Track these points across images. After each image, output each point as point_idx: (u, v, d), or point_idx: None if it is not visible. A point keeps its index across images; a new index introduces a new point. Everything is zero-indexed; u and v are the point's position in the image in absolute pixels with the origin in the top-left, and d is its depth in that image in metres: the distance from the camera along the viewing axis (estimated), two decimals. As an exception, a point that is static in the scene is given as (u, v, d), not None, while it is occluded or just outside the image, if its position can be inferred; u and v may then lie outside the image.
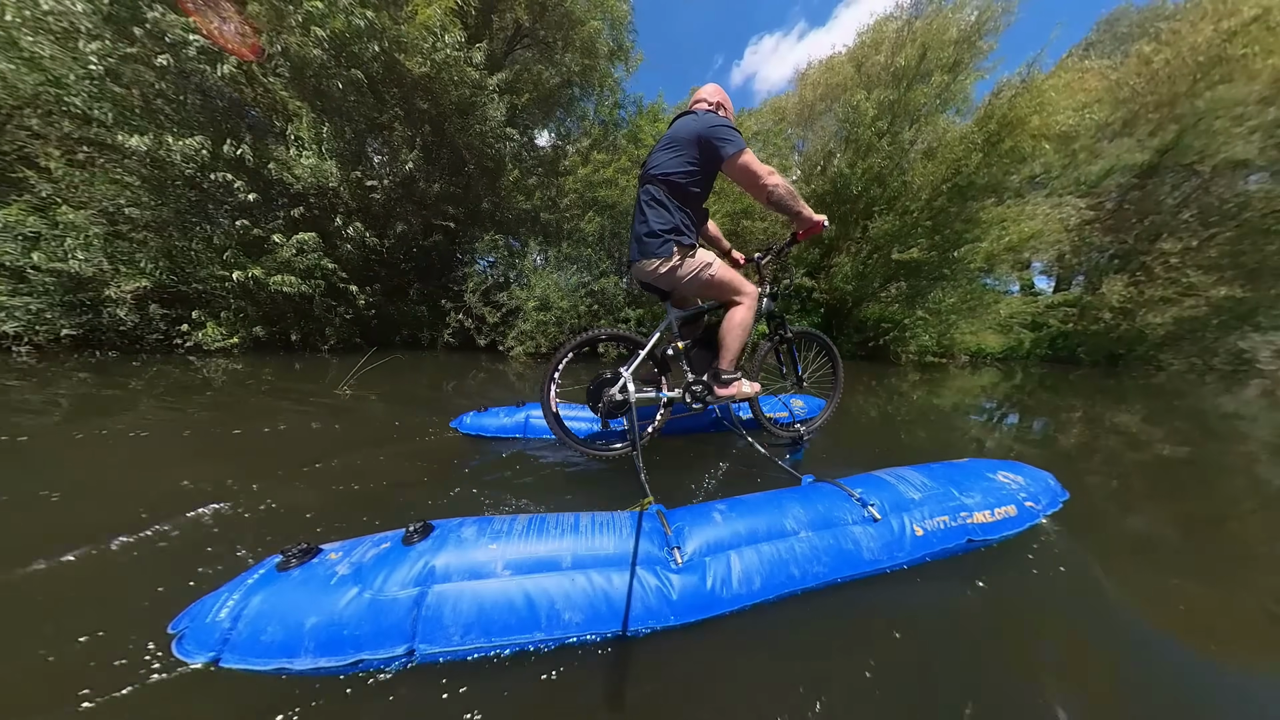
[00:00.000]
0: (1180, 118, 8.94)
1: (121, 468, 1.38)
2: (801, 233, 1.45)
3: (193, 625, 0.64)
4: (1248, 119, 8.27)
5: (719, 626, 0.79)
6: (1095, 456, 2.14)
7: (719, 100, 1.43)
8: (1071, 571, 1.02)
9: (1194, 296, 9.07)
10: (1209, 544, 1.27)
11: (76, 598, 0.78)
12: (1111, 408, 3.83)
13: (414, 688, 0.64)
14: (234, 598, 0.66)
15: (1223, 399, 4.94)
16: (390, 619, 0.66)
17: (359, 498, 1.25)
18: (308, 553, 0.74)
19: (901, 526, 0.98)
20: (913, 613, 0.86)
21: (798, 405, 2.19)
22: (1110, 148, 9.43)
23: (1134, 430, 2.85)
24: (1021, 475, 1.19)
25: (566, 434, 1.52)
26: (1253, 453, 2.44)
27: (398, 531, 0.80)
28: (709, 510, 0.96)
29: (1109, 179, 9.56)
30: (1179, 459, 2.18)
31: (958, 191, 6.70)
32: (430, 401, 2.65)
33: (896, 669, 0.73)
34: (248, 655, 0.61)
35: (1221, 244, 9.14)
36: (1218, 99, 8.30)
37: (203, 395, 2.41)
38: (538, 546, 0.79)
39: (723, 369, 1.45)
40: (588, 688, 0.66)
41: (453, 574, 0.72)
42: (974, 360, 9.81)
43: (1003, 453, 2.24)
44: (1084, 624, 0.88)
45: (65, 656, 0.66)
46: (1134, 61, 9.63)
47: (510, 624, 0.70)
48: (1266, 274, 8.75)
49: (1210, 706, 0.70)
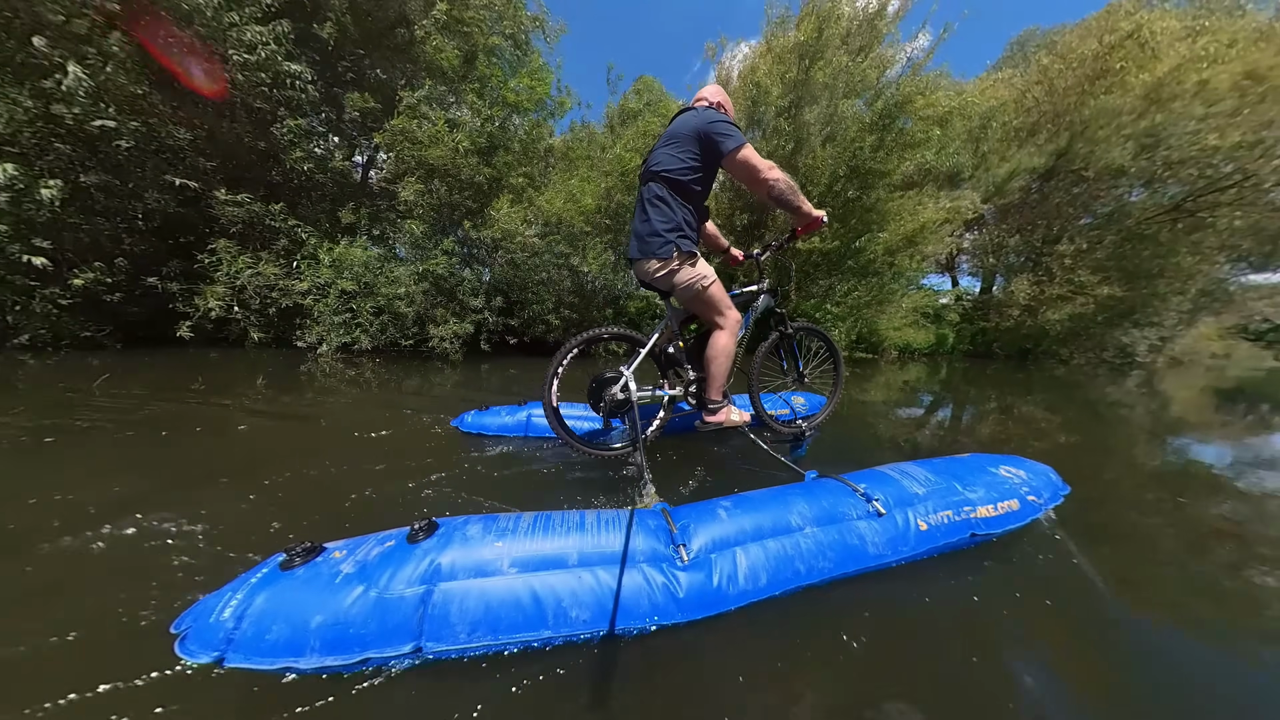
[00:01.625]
0: (1071, 125, 9.68)
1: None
2: (801, 228, 1.45)
3: (195, 625, 0.63)
4: (1123, 129, 8.97)
5: (726, 623, 0.79)
6: (1007, 446, 2.30)
7: (719, 99, 1.44)
8: (1067, 561, 1.03)
9: (1084, 295, 9.90)
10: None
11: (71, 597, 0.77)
12: (1020, 399, 4.15)
13: (421, 686, 0.64)
14: (238, 597, 0.65)
15: (1110, 389, 5.48)
16: (396, 617, 0.65)
17: (361, 497, 1.24)
18: (311, 551, 0.73)
19: (906, 521, 0.98)
20: (918, 606, 0.87)
21: (799, 402, 2.19)
22: (1015, 152, 10.21)
23: (1037, 419, 3.12)
24: (1023, 469, 1.20)
25: (568, 433, 1.51)
26: (1132, 435, 2.81)
27: (402, 530, 0.79)
28: (714, 507, 0.96)
29: (1013, 181, 10.11)
30: (1072, 444, 2.40)
31: (856, 176, 6.76)
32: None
33: (902, 664, 0.73)
34: (252, 654, 0.60)
35: (1106, 248, 10.07)
36: (1099, 108, 8.99)
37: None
38: (543, 544, 0.79)
39: (710, 397, 1.46)
40: (595, 685, 0.66)
41: (458, 572, 0.72)
42: (902, 356, 10.21)
43: (929, 443, 2.37)
44: (1081, 614, 0.88)
45: (64, 653, 0.65)
46: (1034, 71, 10.51)
47: (517, 621, 0.70)
48: (1141, 276, 9.74)
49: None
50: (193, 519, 1.05)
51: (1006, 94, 9.99)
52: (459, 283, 5.12)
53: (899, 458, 1.34)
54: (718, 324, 1.44)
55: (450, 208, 5.36)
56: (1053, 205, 10.65)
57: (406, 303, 4.70)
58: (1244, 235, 9.63)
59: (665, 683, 0.68)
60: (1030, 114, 10.27)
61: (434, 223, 5.27)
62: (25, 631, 0.70)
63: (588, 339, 1.47)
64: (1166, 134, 8.62)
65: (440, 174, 5.15)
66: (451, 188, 5.28)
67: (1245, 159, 8.59)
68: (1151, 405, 4.25)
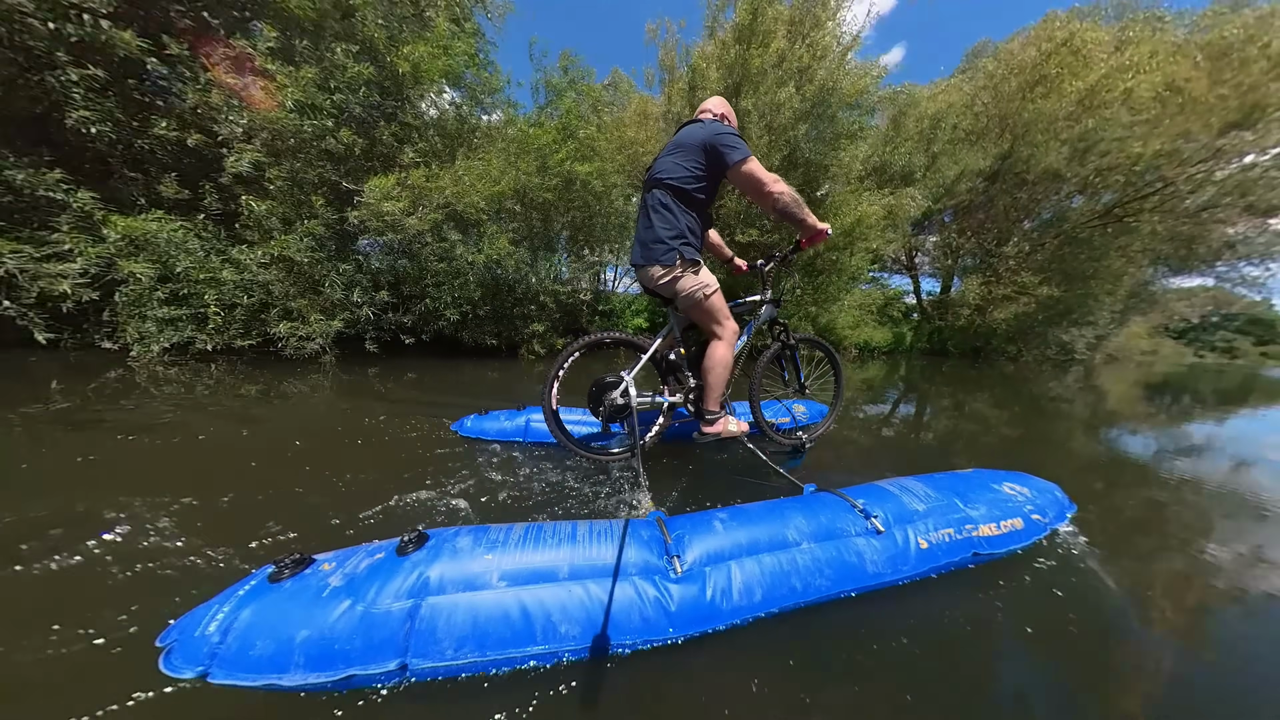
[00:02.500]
0: (1013, 129, 10.10)
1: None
2: (805, 240, 1.45)
3: (181, 639, 0.62)
4: (1059, 133, 9.41)
5: (719, 641, 0.78)
6: (958, 441, 2.49)
7: (723, 111, 1.45)
8: (1077, 584, 1.01)
9: (1026, 295, 10.47)
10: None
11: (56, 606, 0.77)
12: (970, 395, 4.42)
13: (405, 706, 0.62)
14: (224, 610, 0.64)
15: (1053, 384, 5.85)
16: (383, 633, 0.64)
17: (356, 500, 1.24)
18: (300, 563, 0.72)
19: (906, 539, 0.96)
20: (917, 629, 0.85)
21: (800, 411, 2.17)
22: (963, 155, 10.60)
23: (985, 414, 3.39)
24: (1027, 487, 1.17)
25: (567, 438, 1.51)
26: (1070, 428, 3.04)
27: (392, 541, 0.78)
28: (710, 519, 0.95)
29: (961, 183, 10.49)
30: (1015, 437, 2.63)
31: (795, 168, 6.68)
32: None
33: (900, 687, 0.71)
34: (236, 670, 0.60)
35: (1047, 251, 10.76)
36: (1036, 112, 9.41)
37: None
38: (534, 556, 0.78)
39: (708, 408, 1.45)
40: (583, 705, 0.64)
41: (447, 585, 0.71)
42: (862, 354, 10.41)
43: (894, 440, 2.45)
44: (1094, 637, 0.86)
45: (46, 668, 0.64)
46: (982, 77, 10.96)
47: (505, 637, 0.69)
48: (1077, 278, 10.33)
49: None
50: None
51: (958, 99, 10.55)
52: (327, 272, 4.26)
53: (859, 453, 1.33)
54: (715, 334, 1.44)
55: (311, 185, 4.38)
56: (999, 208, 11.19)
57: (243, 293, 3.89)
58: (1163, 240, 10.49)
59: (655, 702, 0.66)
60: (979, 119, 10.75)
61: (295, 201, 4.32)
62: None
63: (589, 343, 1.47)
64: (1097, 139, 9.10)
65: (287, 141, 4.19)
66: (308, 161, 4.30)
67: (1165, 167, 9.14)
68: (1090, 399, 4.66)
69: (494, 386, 3.55)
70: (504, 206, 5.72)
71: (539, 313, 5.92)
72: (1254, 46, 8.53)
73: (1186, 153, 9.05)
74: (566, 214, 6.45)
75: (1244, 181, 9.42)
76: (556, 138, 5.85)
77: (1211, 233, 10.62)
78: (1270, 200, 9.72)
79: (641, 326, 8.39)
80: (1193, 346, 22.15)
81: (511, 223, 5.95)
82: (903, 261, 14.23)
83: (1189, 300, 20.70)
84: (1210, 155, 9.06)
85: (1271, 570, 1.12)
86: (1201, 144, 8.92)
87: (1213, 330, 42.87)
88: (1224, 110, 8.59)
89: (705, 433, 1.46)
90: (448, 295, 5.00)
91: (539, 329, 5.80)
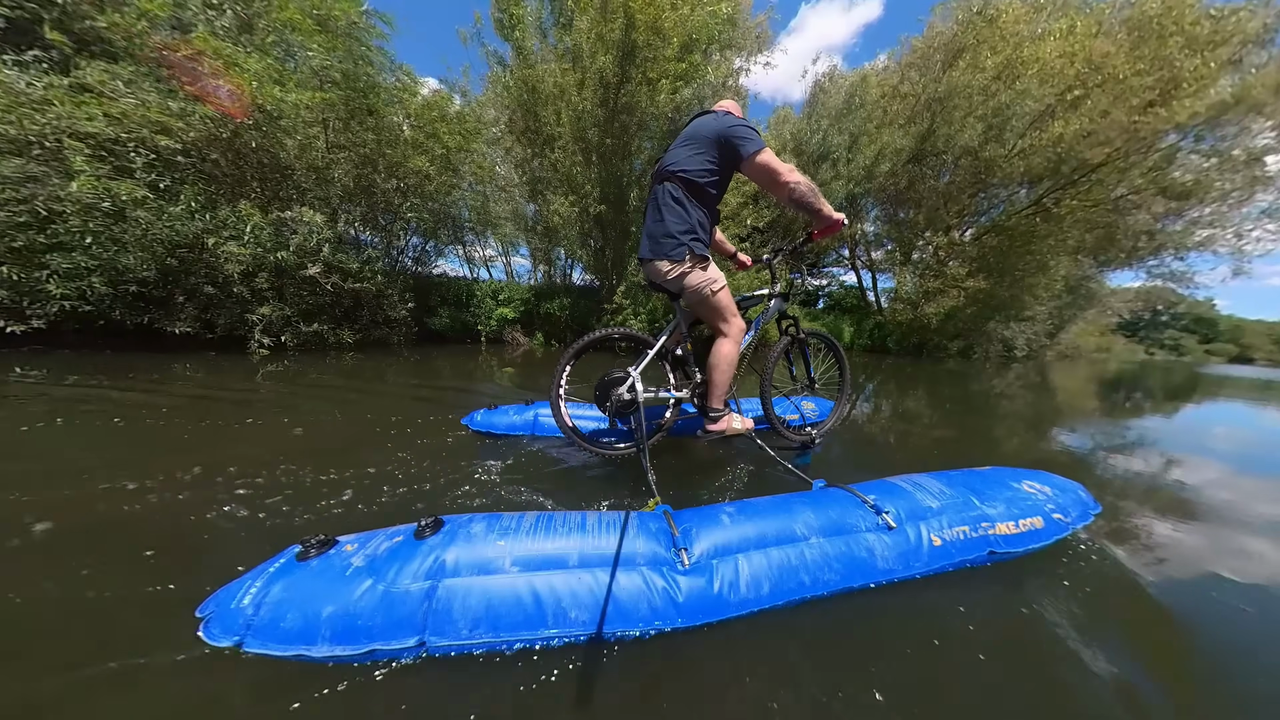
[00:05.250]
0: (932, 106, 9.55)
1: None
2: (818, 231, 1.42)
3: (218, 610, 0.67)
4: (975, 109, 8.89)
5: (726, 631, 0.78)
6: (892, 436, 2.48)
7: (732, 109, 1.43)
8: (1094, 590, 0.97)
9: (956, 288, 10.04)
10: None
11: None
12: (907, 392, 4.39)
13: (424, 679, 0.66)
14: (256, 585, 0.69)
15: (994, 381, 5.87)
16: (402, 611, 0.68)
17: (375, 490, 1.29)
18: (325, 544, 0.76)
19: (918, 536, 0.95)
20: (930, 626, 0.84)
21: (809, 407, 2.15)
22: (882, 134, 9.94)
23: (919, 412, 3.28)
24: (1049, 485, 1.13)
25: (574, 432, 1.53)
26: (1011, 426, 3.01)
27: (410, 525, 0.82)
28: (717, 512, 0.95)
29: (880, 164, 9.93)
30: (948, 438, 2.51)
31: (603, 106, 6.00)
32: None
33: (908, 686, 0.70)
34: (269, 641, 0.64)
35: (976, 241, 10.44)
36: (953, 84, 8.91)
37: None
38: (545, 544, 0.80)
39: (712, 405, 1.44)
40: (592, 686, 0.66)
41: (462, 569, 0.74)
42: None
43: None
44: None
45: (95, 624, 0.70)
46: (909, 55, 10.43)
47: (517, 620, 0.71)
48: (1007, 272, 9.97)
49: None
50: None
51: (895, 80, 10.05)
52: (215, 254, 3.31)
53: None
54: (721, 330, 1.43)
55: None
56: (922, 194, 10.72)
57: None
58: (1085, 228, 9.90)
59: (660, 688, 0.68)
60: (908, 101, 10.19)
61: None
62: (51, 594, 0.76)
63: (595, 339, 1.48)
64: (1010, 113, 8.62)
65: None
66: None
67: (1085, 148, 8.57)
68: (1038, 396, 4.67)
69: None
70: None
71: (271, 292, 4.32)
72: (1169, 19, 8.01)
73: (1105, 135, 8.46)
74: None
75: (1159, 163, 9.13)
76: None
77: (1129, 220, 10.25)
78: (1182, 183, 9.33)
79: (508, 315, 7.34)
80: (1144, 344, 22.50)
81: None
82: (844, 256, 13.74)
83: (1126, 298, 21.36)
84: (1129, 135, 8.47)
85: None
86: (1121, 124, 8.33)
87: (1162, 329, 46.79)
88: (1142, 89, 8.15)
89: (709, 430, 1.45)
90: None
91: (267, 313, 4.19)
